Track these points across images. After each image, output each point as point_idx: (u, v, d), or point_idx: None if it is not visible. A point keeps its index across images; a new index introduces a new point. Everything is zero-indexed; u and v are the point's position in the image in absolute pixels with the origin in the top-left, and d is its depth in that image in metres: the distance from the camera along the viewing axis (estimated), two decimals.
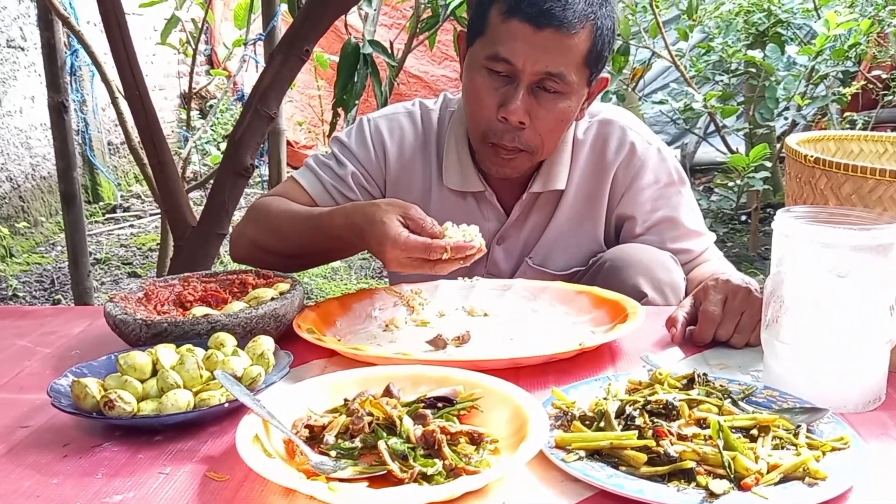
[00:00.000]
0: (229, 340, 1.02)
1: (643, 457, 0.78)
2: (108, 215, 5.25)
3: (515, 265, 1.55)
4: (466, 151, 1.50)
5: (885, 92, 4.08)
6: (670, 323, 1.16)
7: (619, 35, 3.53)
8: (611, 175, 1.49)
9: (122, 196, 5.55)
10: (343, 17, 2.47)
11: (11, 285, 3.84)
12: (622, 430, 0.81)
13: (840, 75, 3.92)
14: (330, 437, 0.83)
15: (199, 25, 3.02)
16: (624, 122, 1.51)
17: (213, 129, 6.18)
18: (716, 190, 4.72)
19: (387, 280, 1.52)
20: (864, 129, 4.16)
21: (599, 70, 1.39)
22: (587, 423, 0.85)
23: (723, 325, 1.12)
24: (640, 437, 0.80)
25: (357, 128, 1.56)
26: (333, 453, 0.81)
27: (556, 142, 1.43)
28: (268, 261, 1.40)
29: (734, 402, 0.88)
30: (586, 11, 1.31)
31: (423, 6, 3.14)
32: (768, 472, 0.76)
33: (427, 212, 1.52)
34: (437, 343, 1.14)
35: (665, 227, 1.49)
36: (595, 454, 0.80)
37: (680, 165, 1.55)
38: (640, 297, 1.32)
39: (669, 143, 5.66)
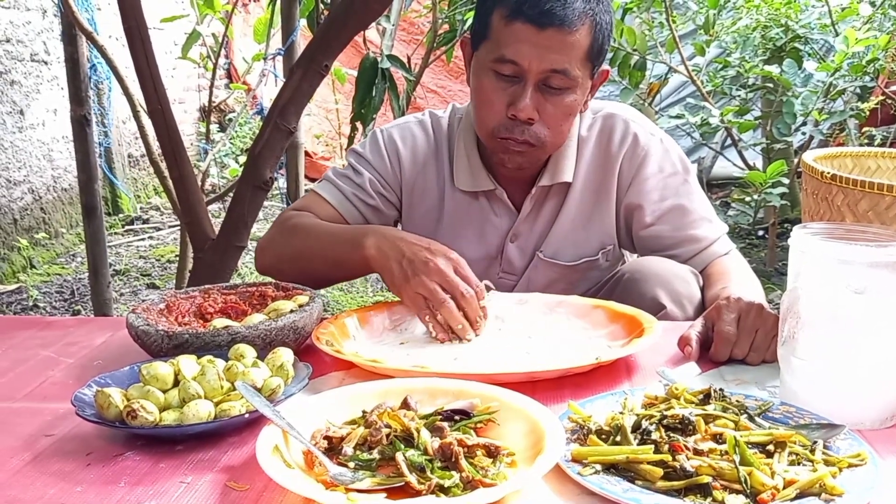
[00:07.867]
0: (249, 352, 1.03)
1: (659, 471, 0.78)
2: (127, 227, 5.30)
3: (528, 261, 1.59)
4: (476, 153, 1.55)
5: None
6: (683, 342, 1.15)
7: (635, 50, 3.55)
8: (617, 166, 1.54)
9: (140, 208, 5.61)
10: (361, 31, 2.50)
11: (32, 296, 3.89)
12: (638, 445, 0.82)
13: (858, 90, 3.90)
14: (348, 449, 0.83)
15: (219, 40, 3.06)
16: (626, 116, 1.56)
17: (231, 143, 6.25)
18: (733, 205, 4.69)
19: None
20: (883, 144, 4.14)
21: (601, 63, 1.45)
22: (603, 437, 0.86)
23: (738, 344, 1.12)
24: (657, 451, 0.80)
25: (371, 139, 1.62)
26: (352, 464, 0.82)
27: (565, 134, 1.48)
28: (289, 273, 1.42)
29: (750, 418, 0.88)
30: (585, 9, 1.35)
31: (440, 21, 3.17)
32: (784, 488, 0.76)
33: (441, 214, 1.59)
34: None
35: (675, 215, 1.51)
36: (611, 468, 0.81)
37: (685, 155, 1.59)
38: (659, 308, 1.33)
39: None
